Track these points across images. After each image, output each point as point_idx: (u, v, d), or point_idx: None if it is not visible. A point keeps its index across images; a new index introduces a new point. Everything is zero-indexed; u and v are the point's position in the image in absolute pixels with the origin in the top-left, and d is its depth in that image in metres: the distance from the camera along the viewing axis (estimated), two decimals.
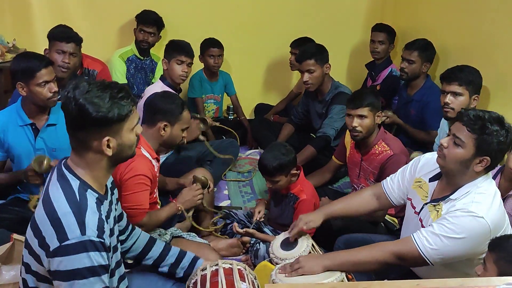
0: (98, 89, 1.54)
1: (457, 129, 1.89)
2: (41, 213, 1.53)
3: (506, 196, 2.31)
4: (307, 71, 3.40)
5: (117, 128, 1.57)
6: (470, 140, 1.85)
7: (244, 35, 4.38)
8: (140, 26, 3.94)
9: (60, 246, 1.46)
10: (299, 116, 3.84)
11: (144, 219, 2.37)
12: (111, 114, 1.53)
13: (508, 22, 2.87)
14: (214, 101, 4.22)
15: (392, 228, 2.79)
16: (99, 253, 1.49)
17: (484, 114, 1.87)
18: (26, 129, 2.60)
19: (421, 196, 2.11)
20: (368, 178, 2.87)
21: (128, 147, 1.64)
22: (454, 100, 2.76)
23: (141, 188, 2.35)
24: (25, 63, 2.50)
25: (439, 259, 1.87)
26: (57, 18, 3.84)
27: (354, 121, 2.74)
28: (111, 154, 1.59)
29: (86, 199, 1.55)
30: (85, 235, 1.47)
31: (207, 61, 3.98)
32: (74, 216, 1.49)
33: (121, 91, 1.58)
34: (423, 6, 3.95)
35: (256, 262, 2.54)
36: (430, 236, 1.87)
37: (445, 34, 3.55)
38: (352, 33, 4.55)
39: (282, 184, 2.68)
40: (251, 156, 3.99)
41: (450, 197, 1.94)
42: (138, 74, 4.08)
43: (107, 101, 1.53)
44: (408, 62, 3.45)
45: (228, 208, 3.15)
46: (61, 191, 1.55)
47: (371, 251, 1.98)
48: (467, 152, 1.87)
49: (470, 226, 1.82)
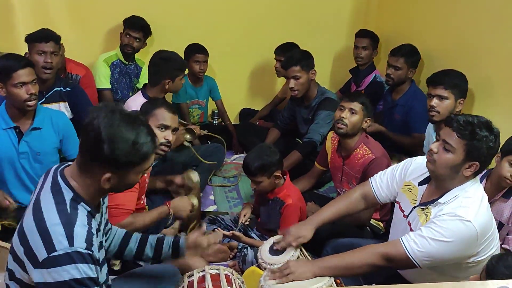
0: (125, 125, 1.49)
1: (447, 134, 1.91)
2: (30, 221, 1.50)
3: (492, 201, 2.35)
4: (293, 77, 3.40)
5: (125, 171, 1.54)
6: (460, 145, 1.87)
7: (228, 40, 4.38)
8: (126, 31, 3.92)
9: (48, 257, 1.43)
10: (285, 121, 3.85)
11: (126, 220, 2.33)
12: (123, 159, 1.49)
13: (491, 26, 2.92)
14: (199, 106, 4.21)
15: (378, 232, 2.81)
16: (87, 265, 1.47)
17: (474, 120, 1.89)
18: (10, 132, 2.56)
19: (410, 200, 2.13)
20: (351, 182, 2.89)
21: (128, 185, 1.62)
22: (440, 103, 2.80)
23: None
24: (3, 62, 2.47)
25: (426, 262, 1.89)
26: (40, 22, 3.79)
27: (343, 113, 2.76)
28: (108, 188, 1.55)
29: (77, 212, 1.52)
30: (72, 247, 1.45)
31: (192, 67, 3.97)
32: (63, 228, 1.46)
33: (147, 133, 1.53)
34: (406, 11, 4.00)
35: (244, 267, 2.54)
36: (417, 239, 1.89)
37: (428, 39, 3.60)
38: (336, 38, 4.58)
39: (265, 186, 2.68)
40: (237, 161, 3.98)
41: (439, 200, 1.96)
42: (122, 79, 4.05)
43: (127, 144, 1.48)
44: (394, 68, 3.48)
45: (215, 214, 3.13)
46: (52, 201, 1.52)
47: (360, 254, 2.00)
48: (457, 158, 1.89)
49: (458, 230, 1.85)
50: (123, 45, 3.95)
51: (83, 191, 1.56)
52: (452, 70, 2.89)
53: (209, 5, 4.25)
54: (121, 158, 1.48)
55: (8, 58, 2.52)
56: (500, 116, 2.82)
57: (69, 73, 3.68)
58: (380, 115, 3.76)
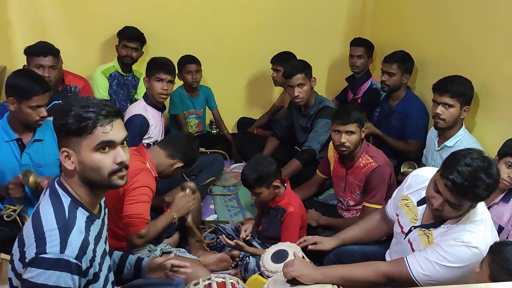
0: (81, 100, 1.53)
1: (449, 196, 1.82)
2: (29, 227, 1.51)
3: (492, 204, 2.37)
4: (298, 85, 3.41)
5: (75, 142, 1.51)
6: (464, 202, 1.82)
7: (225, 49, 4.40)
8: (123, 42, 3.94)
9: (36, 257, 1.44)
10: (283, 129, 3.86)
11: (144, 230, 2.38)
12: (69, 124, 1.49)
13: (486, 31, 2.95)
14: (196, 115, 4.22)
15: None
16: (70, 275, 1.46)
17: (473, 175, 1.75)
18: (12, 145, 2.56)
19: (410, 219, 2.13)
20: (354, 191, 2.91)
21: (91, 169, 1.54)
22: (445, 111, 2.79)
23: (144, 199, 2.38)
24: (25, 83, 2.48)
25: (429, 283, 1.91)
26: (37, 34, 3.81)
27: (342, 137, 2.75)
28: (72, 169, 1.54)
29: (75, 218, 1.53)
30: (63, 254, 1.45)
31: (186, 77, 3.99)
32: (59, 233, 1.47)
33: (98, 105, 1.53)
34: (401, 19, 4.04)
35: (246, 275, 2.54)
36: (423, 262, 1.90)
37: (423, 46, 3.63)
38: (331, 46, 4.61)
39: (265, 196, 2.69)
40: (236, 170, 3.99)
41: (441, 226, 1.96)
42: (120, 90, 4.06)
43: (74, 109, 1.50)
44: (389, 74, 3.51)
45: (215, 223, 3.14)
46: (51, 207, 1.53)
47: (364, 270, 2.02)
48: (465, 208, 1.86)
49: (464, 255, 1.85)
50: (121, 56, 3.97)
51: (79, 192, 1.57)
52: (459, 77, 2.87)
53: (205, 15, 4.27)
54: (66, 122, 1.50)
55: (31, 78, 2.52)
56: (497, 119, 2.87)
57: (67, 85, 3.68)
58: (377, 122, 3.78)
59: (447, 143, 2.87)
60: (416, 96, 3.55)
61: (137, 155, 2.52)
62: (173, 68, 3.38)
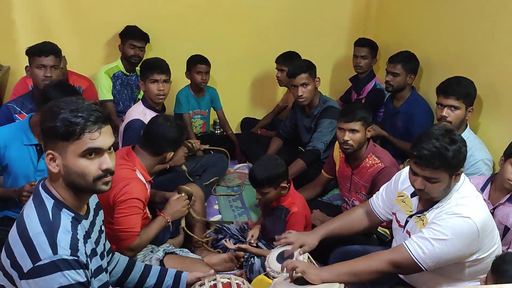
0: (70, 103, 1.51)
1: (422, 171, 1.93)
2: (14, 233, 1.50)
3: (498, 205, 2.36)
4: (301, 85, 3.41)
5: (61, 145, 1.50)
6: (442, 173, 1.91)
7: (229, 50, 4.40)
8: (129, 42, 3.94)
9: (34, 267, 1.43)
10: (287, 130, 3.86)
11: (135, 242, 2.37)
12: (57, 128, 1.47)
13: (490, 31, 2.95)
14: (201, 116, 4.21)
15: (384, 239, 2.81)
16: (74, 270, 1.46)
17: (435, 144, 1.88)
18: (31, 149, 2.55)
19: (405, 211, 2.15)
20: (359, 191, 2.90)
21: (75, 174, 1.52)
22: (451, 113, 2.78)
23: (134, 211, 2.36)
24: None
25: (432, 263, 1.91)
26: (40, 35, 3.82)
27: (346, 135, 2.75)
28: (56, 172, 1.52)
29: (60, 219, 1.52)
30: (57, 254, 1.44)
31: (194, 77, 3.98)
32: (46, 236, 1.46)
33: (88, 110, 1.50)
34: (405, 19, 4.03)
35: (251, 276, 2.53)
36: (420, 241, 1.92)
37: (427, 46, 3.62)
38: (335, 47, 4.61)
39: (271, 197, 2.69)
40: (240, 170, 3.99)
41: (433, 207, 2.00)
42: (124, 90, 4.07)
43: (63, 113, 1.48)
44: (393, 75, 3.50)
45: (220, 223, 3.13)
46: (34, 211, 1.52)
47: (367, 261, 2.01)
48: (445, 181, 1.93)
49: (458, 226, 1.88)
50: (128, 56, 3.97)
51: (63, 195, 1.56)
52: (463, 78, 2.86)
53: (209, 15, 4.28)
54: (54, 126, 1.49)
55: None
56: (501, 120, 2.86)
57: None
58: (381, 123, 3.77)
59: None
60: (421, 97, 3.54)
61: (126, 163, 2.45)
62: (166, 67, 3.29)
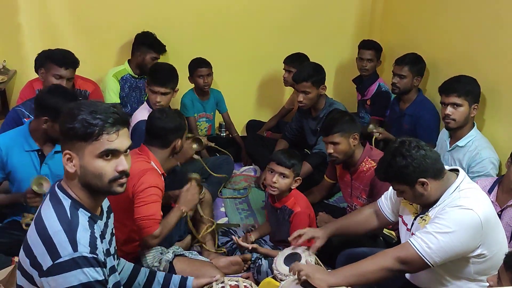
0: (89, 105, 1.53)
1: (394, 187, 2.07)
2: (33, 233, 1.52)
3: (506, 207, 2.35)
4: (302, 92, 3.42)
5: (79, 146, 1.52)
6: (401, 185, 2.01)
7: (234, 52, 4.40)
8: (150, 53, 3.94)
9: (54, 264, 1.44)
10: (293, 132, 3.86)
11: (158, 230, 2.38)
12: (76, 129, 1.49)
13: (495, 32, 2.95)
14: (206, 119, 4.23)
15: (391, 241, 2.80)
16: (93, 268, 1.48)
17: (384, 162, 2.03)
18: (32, 155, 2.56)
19: (411, 213, 2.15)
20: (360, 196, 2.90)
21: (92, 175, 1.54)
22: (455, 111, 2.81)
23: (153, 199, 2.38)
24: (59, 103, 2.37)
25: (438, 258, 1.90)
26: (47, 38, 3.86)
27: (329, 148, 2.80)
28: (73, 172, 1.54)
29: (78, 217, 1.54)
30: (77, 251, 1.46)
31: (197, 81, 3.99)
32: (65, 234, 1.48)
33: (106, 112, 1.52)
34: (410, 21, 4.03)
35: (259, 278, 2.54)
36: (424, 236, 1.91)
37: (433, 48, 3.62)
38: (341, 48, 4.60)
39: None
40: (246, 172, 4.00)
41: (433, 206, 2.00)
42: (132, 93, 4.07)
43: (82, 114, 1.50)
44: (400, 77, 3.50)
45: (227, 226, 3.14)
46: (52, 210, 1.53)
47: (373, 260, 2.01)
48: (417, 191, 1.99)
49: (460, 218, 1.88)
50: (142, 64, 3.95)
51: (79, 195, 1.58)
52: (464, 76, 2.90)
53: (215, 17, 4.28)
54: (73, 126, 1.51)
55: (66, 98, 2.45)
56: (508, 121, 2.86)
57: (77, 90, 3.65)
58: (387, 125, 3.77)
59: (458, 143, 2.87)
60: (427, 99, 3.54)
61: (140, 156, 2.51)
62: (169, 79, 3.29)
